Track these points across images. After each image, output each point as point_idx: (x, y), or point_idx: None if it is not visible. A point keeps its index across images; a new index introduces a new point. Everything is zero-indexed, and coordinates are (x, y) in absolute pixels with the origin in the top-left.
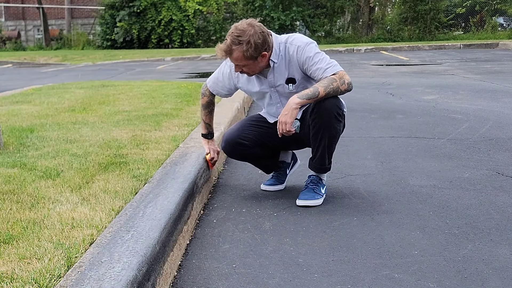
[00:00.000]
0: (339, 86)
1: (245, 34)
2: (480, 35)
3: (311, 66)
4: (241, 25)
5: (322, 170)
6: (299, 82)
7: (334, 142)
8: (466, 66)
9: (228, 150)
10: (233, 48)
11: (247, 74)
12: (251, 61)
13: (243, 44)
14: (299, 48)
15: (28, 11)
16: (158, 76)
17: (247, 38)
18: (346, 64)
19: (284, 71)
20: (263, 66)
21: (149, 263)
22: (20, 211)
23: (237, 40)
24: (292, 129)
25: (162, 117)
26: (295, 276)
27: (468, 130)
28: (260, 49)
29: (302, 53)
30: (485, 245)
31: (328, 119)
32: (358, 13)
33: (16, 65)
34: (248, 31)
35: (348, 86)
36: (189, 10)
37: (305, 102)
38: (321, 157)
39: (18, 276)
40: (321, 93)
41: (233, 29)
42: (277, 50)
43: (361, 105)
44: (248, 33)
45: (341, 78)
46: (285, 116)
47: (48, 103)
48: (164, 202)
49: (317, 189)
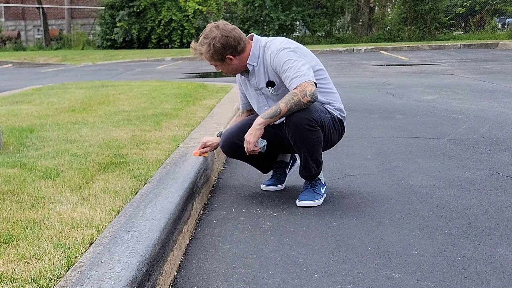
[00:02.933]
0: (300, 100)
1: (209, 37)
2: (480, 35)
3: (281, 73)
4: (210, 26)
5: (310, 177)
6: (278, 85)
7: (314, 151)
8: (466, 66)
9: (226, 149)
10: (200, 48)
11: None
12: (219, 62)
13: (206, 45)
14: (272, 54)
15: (28, 11)
16: (158, 76)
17: (208, 41)
18: (346, 64)
19: (264, 74)
20: (237, 68)
21: (149, 263)
22: (20, 211)
23: (203, 41)
24: (256, 148)
25: (162, 117)
26: (295, 276)
27: (468, 130)
28: (222, 53)
29: (274, 60)
30: (485, 245)
31: (300, 132)
32: (358, 13)
33: (16, 65)
34: (212, 33)
35: (310, 97)
36: (189, 10)
37: (268, 122)
38: (305, 165)
39: (18, 276)
40: (283, 109)
41: (204, 30)
42: (256, 54)
43: (361, 105)
44: (211, 35)
45: (303, 90)
46: (249, 135)
47: (48, 103)
48: (164, 202)
49: (317, 189)
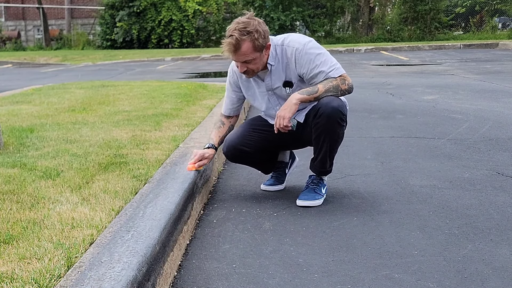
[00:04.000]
0: (339, 85)
1: (251, 24)
2: (480, 35)
3: (312, 69)
4: (241, 19)
5: (323, 173)
6: (295, 86)
7: (336, 147)
8: (466, 66)
9: (229, 156)
10: (243, 39)
11: (249, 75)
12: (258, 54)
13: (252, 33)
14: (296, 51)
15: (28, 11)
16: (158, 76)
17: (254, 27)
18: (346, 64)
19: (281, 74)
20: (264, 64)
21: (149, 263)
22: (20, 211)
23: (245, 31)
24: (289, 125)
25: (162, 117)
26: (295, 276)
27: (468, 130)
28: (265, 40)
29: (301, 56)
30: (485, 245)
31: (331, 124)
32: (358, 13)
33: (16, 65)
34: (252, 21)
35: (348, 87)
36: (189, 10)
37: (305, 98)
38: (322, 160)
39: (18, 276)
40: (320, 89)
41: (236, 24)
42: (273, 52)
43: (361, 105)
44: (253, 23)
45: (342, 78)
46: (284, 110)
47: (48, 103)
48: (164, 202)
49: (317, 189)
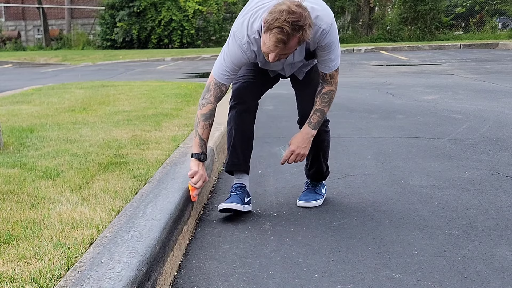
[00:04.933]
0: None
1: (303, 17)
2: (480, 35)
3: (326, 52)
4: (292, 7)
5: (322, 178)
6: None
7: (327, 151)
8: (466, 66)
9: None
10: (293, 34)
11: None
12: (299, 45)
13: (304, 28)
14: (323, 32)
15: (28, 11)
16: (158, 76)
17: (306, 21)
18: (346, 64)
19: (303, 49)
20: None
21: (149, 263)
22: (20, 211)
23: (297, 25)
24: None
25: (162, 117)
26: (295, 276)
27: (468, 130)
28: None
29: (325, 37)
30: (485, 245)
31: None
32: (358, 13)
33: (16, 65)
34: (303, 12)
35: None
36: (189, 10)
37: (317, 130)
38: (319, 168)
39: (18, 276)
40: (327, 111)
41: (287, 14)
42: None
43: (361, 105)
44: (304, 14)
45: (336, 83)
46: (303, 148)
47: (48, 103)
48: (164, 202)
49: (317, 189)
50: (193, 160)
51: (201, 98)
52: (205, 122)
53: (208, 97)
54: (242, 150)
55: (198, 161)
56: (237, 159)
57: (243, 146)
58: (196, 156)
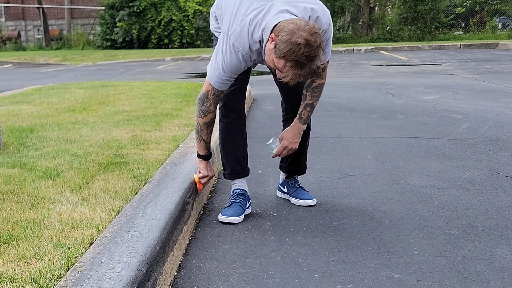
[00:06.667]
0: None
1: (317, 47)
2: (480, 35)
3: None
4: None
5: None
6: None
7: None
8: (466, 66)
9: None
10: (309, 64)
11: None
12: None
13: (319, 55)
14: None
15: (28, 11)
16: (158, 76)
17: (320, 50)
18: (346, 64)
19: None
20: None
21: (149, 263)
22: (20, 211)
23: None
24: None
25: (162, 117)
26: (295, 276)
27: (468, 130)
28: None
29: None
30: (485, 245)
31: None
32: (358, 13)
33: (16, 65)
34: (318, 40)
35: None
36: (189, 10)
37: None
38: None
39: (18, 276)
40: (316, 105)
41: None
42: None
43: (361, 105)
44: (319, 42)
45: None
46: (295, 143)
47: (48, 103)
48: (164, 202)
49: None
50: (201, 161)
51: (200, 105)
52: (208, 129)
53: (208, 106)
54: (243, 156)
55: (205, 161)
56: (239, 166)
57: (244, 152)
58: (203, 157)
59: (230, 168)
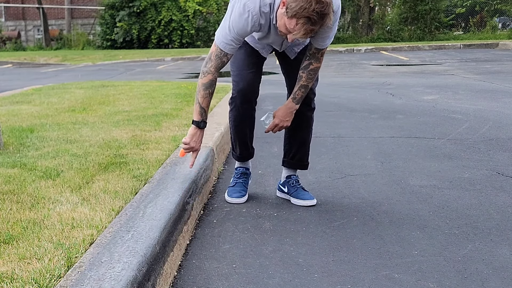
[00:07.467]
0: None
1: (328, 5)
2: (480, 35)
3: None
4: None
5: (305, 166)
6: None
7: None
8: (466, 66)
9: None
10: (320, 23)
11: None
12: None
13: (329, 15)
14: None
15: (28, 11)
16: (158, 76)
17: (330, 9)
18: (346, 64)
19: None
20: None
21: (149, 263)
22: (20, 211)
23: (323, 14)
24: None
25: (162, 117)
26: (295, 276)
27: (468, 130)
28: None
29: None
30: (485, 245)
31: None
32: (358, 13)
33: (16, 65)
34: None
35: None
36: (189, 10)
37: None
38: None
39: (18, 276)
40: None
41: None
42: None
43: (361, 105)
44: (328, 2)
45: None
46: (286, 121)
47: (48, 103)
48: (164, 202)
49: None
50: (193, 127)
51: (203, 66)
52: (206, 91)
53: (209, 67)
54: (251, 140)
55: (197, 128)
56: (246, 151)
57: (251, 138)
58: (196, 124)
59: (239, 151)
